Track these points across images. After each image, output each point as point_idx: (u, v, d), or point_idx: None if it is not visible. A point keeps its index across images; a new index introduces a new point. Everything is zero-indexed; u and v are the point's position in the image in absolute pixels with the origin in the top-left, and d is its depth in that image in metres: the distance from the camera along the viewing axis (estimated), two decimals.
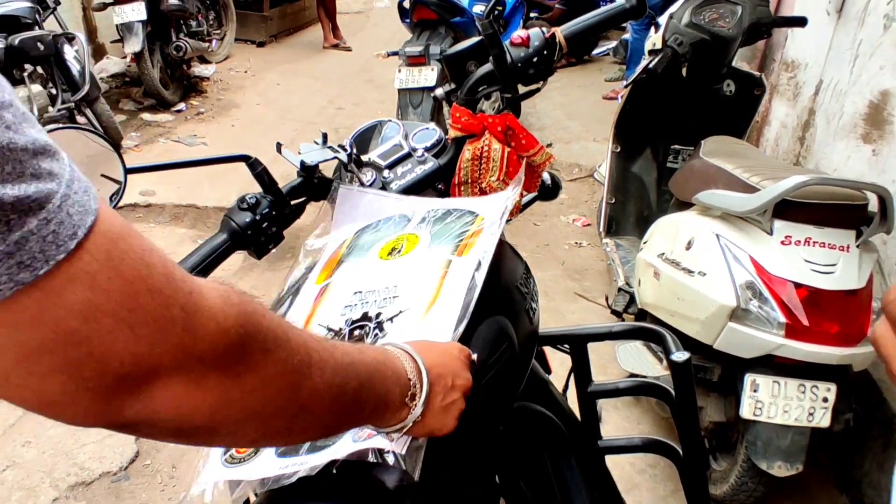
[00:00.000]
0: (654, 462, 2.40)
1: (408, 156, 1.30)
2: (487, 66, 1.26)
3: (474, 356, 0.86)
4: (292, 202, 1.15)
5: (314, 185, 1.16)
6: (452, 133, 1.28)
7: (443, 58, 1.35)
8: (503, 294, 1.02)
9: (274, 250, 1.15)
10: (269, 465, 0.86)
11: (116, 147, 1.08)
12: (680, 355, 1.17)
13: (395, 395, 0.72)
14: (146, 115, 5.78)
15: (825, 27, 3.42)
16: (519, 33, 1.25)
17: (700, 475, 1.27)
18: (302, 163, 1.13)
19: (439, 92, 1.38)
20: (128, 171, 1.08)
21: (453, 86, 1.34)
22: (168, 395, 0.48)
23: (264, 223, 1.10)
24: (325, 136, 1.20)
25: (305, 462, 0.82)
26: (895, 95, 2.86)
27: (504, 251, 1.13)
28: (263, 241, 1.11)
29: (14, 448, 2.48)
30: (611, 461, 1.38)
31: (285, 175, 1.18)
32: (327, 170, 1.25)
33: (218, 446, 0.57)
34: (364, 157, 1.30)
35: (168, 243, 3.91)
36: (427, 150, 1.30)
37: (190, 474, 2.53)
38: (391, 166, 1.28)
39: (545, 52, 1.25)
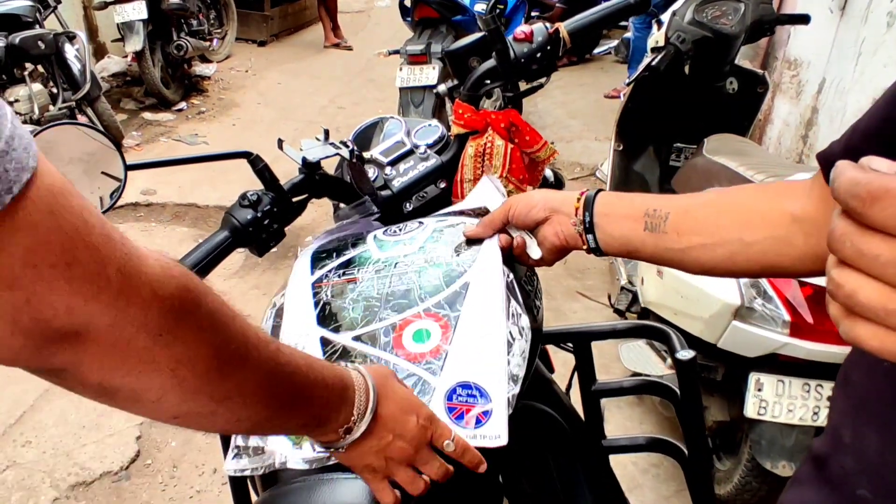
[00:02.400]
0: (657, 461, 2.39)
1: (410, 153, 1.29)
2: (490, 62, 1.24)
3: (448, 441, 0.80)
4: (294, 199, 1.13)
5: (316, 181, 1.15)
6: (455, 129, 1.27)
7: (445, 54, 1.33)
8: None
9: (275, 249, 1.14)
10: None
11: (117, 144, 1.07)
12: (685, 353, 1.16)
13: (332, 421, 0.72)
14: (147, 115, 5.78)
15: (828, 25, 3.41)
16: (522, 28, 1.24)
17: (706, 475, 1.26)
18: (304, 159, 1.12)
19: (442, 88, 1.37)
20: (128, 167, 1.07)
21: (456, 82, 1.33)
22: (96, 350, 0.50)
23: (266, 220, 1.08)
24: (326, 133, 1.18)
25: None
26: None
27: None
28: (265, 238, 1.10)
29: (14, 448, 2.48)
30: (614, 460, 1.37)
31: (287, 173, 1.17)
32: (329, 167, 1.24)
33: (138, 413, 0.59)
34: (366, 154, 1.29)
35: (169, 242, 3.90)
36: (429, 146, 1.29)
37: (191, 474, 2.53)
38: (393, 163, 1.27)
39: (549, 48, 1.24)
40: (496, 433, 0.84)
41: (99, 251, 0.47)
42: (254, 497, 1.25)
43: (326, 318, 0.99)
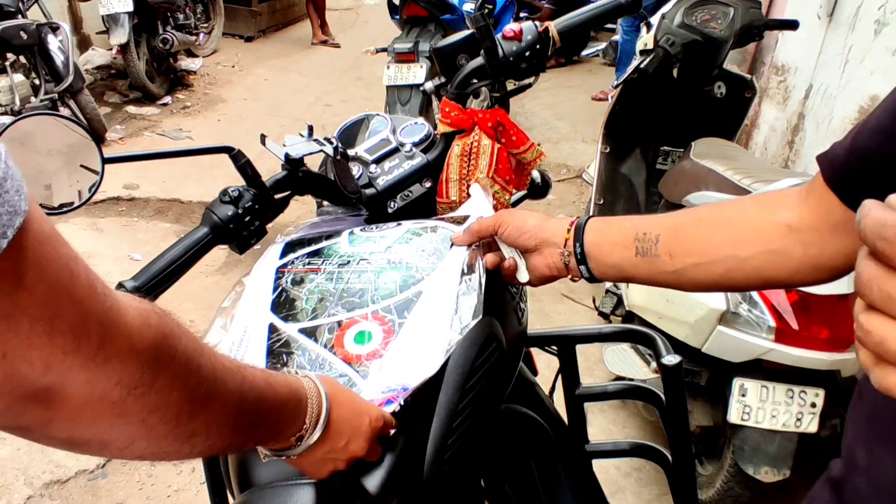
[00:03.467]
0: (639, 466, 2.38)
1: (395, 151, 1.27)
2: (479, 60, 1.22)
3: (393, 431, 0.86)
4: (276, 196, 1.11)
5: (298, 178, 1.13)
6: (441, 128, 1.25)
7: (433, 51, 1.32)
8: (492, 293, 0.99)
9: (258, 246, 1.12)
10: None
11: (96, 137, 1.05)
12: (671, 359, 1.15)
13: (288, 431, 0.73)
14: (131, 108, 5.72)
15: (816, 31, 3.42)
16: (511, 27, 1.22)
17: (690, 480, 1.25)
18: (286, 155, 1.10)
19: (429, 86, 1.35)
20: (106, 160, 1.04)
21: (443, 80, 1.31)
22: (68, 408, 0.47)
23: (247, 217, 1.06)
24: (310, 129, 1.16)
25: None
26: None
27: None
28: (246, 235, 1.08)
29: None
30: (596, 464, 1.36)
31: (272, 170, 1.15)
32: (313, 164, 1.22)
33: (100, 456, 0.57)
34: (350, 152, 1.27)
35: (152, 238, 3.86)
36: (415, 145, 1.27)
37: (169, 473, 2.48)
38: (378, 161, 1.25)
39: (538, 47, 1.22)
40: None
41: (82, 304, 0.45)
42: (230, 498, 1.23)
43: (281, 304, 1.01)
